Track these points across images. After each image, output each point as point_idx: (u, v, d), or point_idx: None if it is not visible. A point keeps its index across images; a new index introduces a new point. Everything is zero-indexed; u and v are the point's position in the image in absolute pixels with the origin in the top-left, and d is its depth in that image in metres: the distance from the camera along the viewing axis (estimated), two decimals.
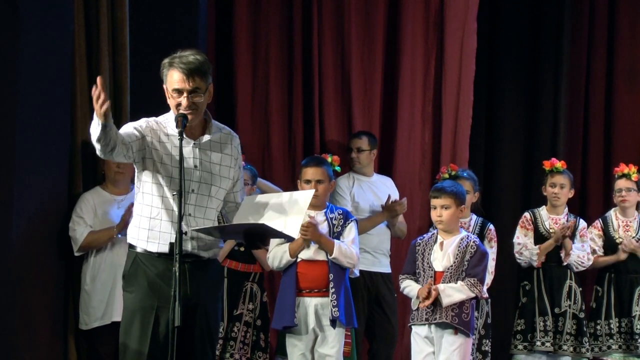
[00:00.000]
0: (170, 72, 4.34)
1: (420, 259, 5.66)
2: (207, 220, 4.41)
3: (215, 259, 4.57)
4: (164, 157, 4.38)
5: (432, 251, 5.63)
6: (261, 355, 6.19)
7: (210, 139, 4.45)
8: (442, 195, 5.62)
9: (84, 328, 6.00)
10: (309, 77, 7.63)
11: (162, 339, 4.33)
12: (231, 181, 4.53)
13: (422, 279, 5.62)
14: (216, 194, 4.47)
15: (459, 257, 5.55)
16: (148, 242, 4.40)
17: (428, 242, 5.69)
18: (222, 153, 4.49)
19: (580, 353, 6.79)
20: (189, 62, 4.30)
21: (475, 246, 5.58)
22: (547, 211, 6.98)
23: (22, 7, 5.51)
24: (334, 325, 5.62)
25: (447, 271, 5.55)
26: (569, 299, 6.81)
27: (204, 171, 4.42)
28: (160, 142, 4.39)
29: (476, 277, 5.50)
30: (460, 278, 5.52)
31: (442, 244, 5.63)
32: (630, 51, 8.08)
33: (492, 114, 8.14)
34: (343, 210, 5.90)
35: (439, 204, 5.62)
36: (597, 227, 7.09)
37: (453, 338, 5.50)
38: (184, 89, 4.31)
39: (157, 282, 4.36)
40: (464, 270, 5.53)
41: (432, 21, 7.77)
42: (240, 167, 4.61)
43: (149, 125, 4.40)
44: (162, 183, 4.38)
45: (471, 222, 6.60)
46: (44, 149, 5.76)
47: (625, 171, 7.01)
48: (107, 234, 5.99)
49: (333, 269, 5.67)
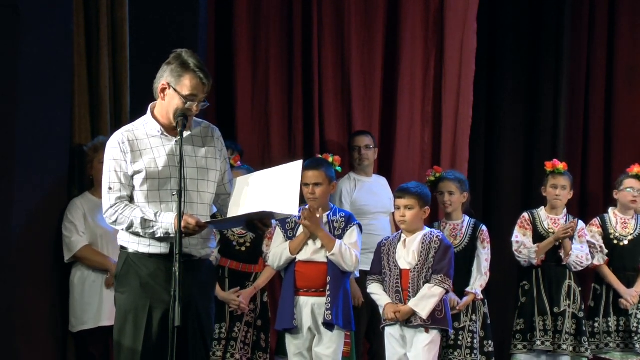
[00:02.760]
0: (187, 76, 4.34)
1: (386, 259, 5.78)
2: (200, 216, 4.40)
3: (207, 259, 4.58)
4: (150, 163, 4.38)
5: (396, 249, 5.75)
6: (262, 355, 6.19)
7: (191, 134, 4.45)
8: (405, 196, 5.74)
9: (72, 330, 5.98)
10: (309, 77, 7.62)
11: (155, 338, 4.36)
12: (219, 173, 4.53)
13: (388, 278, 5.74)
14: (206, 189, 4.46)
15: (423, 254, 5.68)
16: (139, 244, 4.43)
17: (392, 242, 5.82)
18: (206, 146, 4.49)
19: (580, 352, 6.78)
20: (206, 72, 4.35)
21: (439, 241, 5.71)
22: (545, 212, 6.98)
23: (22, 7, 5.50)
24: (330, 329, 5.63)
25: (414, 270, 5.66)
26: (568, 298, 6.80)
27: (188, 167, 4.40)
28: (141, 150, 4.40)
29: (442, 272, 5.63)
30: (427, 275, 5.62)
31: (405, 241, 5.75)
32: (630, 51, 8.08)
33: (492, 114, 8.14)
34: (346, 213, 5.88)
35: (402, 204, 5.74)
36: (597, 225, 7.08)
37: (425, 336, 5.63)
38: (199, 96, 4.34)
39: (149, 282, 4.39)
40: (430, 267, 5.62)
41: (432, 21, 7.77)
42: (226, 158, 4.61)
43: (125, 146, 4.40)
44: (150, 189, 4.39)
45: (464, 224, 6.57)
46: (44, 149, 5.75)
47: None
48: (102, 263, 5.91)
49: (331, 272, 5.66)
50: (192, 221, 4.27)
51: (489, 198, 8.01)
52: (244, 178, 4.55)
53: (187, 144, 4.42)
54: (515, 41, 8.11)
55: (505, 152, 8.09)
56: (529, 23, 8.16)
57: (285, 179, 4.39)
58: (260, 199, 4.39)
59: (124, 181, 4.41)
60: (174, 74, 4.35)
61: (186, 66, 4.34)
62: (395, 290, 5.69)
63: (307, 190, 5.73)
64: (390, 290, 5.73)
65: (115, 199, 4.41)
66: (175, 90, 4.35)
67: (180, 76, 4.35)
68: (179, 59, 4.37)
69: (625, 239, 6.99)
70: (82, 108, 6.19)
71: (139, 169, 4.39)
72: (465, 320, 6.41)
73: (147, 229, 4.35)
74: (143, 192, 4.40)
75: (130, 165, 4.40)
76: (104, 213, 4.46)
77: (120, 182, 4.40)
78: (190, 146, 4.45)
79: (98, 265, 5.90)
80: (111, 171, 4.42)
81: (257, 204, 4.37)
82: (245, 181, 4.51)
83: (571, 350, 6.76)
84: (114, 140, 4.45)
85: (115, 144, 4.43)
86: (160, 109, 4.44)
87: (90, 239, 5.93)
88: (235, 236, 6.18)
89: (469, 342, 6.38)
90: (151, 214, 4.35)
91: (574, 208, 7.72)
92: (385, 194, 7.10)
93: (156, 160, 4.38)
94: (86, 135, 6.17)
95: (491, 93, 8.14)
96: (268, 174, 4.50)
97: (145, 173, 4.38)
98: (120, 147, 4.41)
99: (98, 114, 6.25)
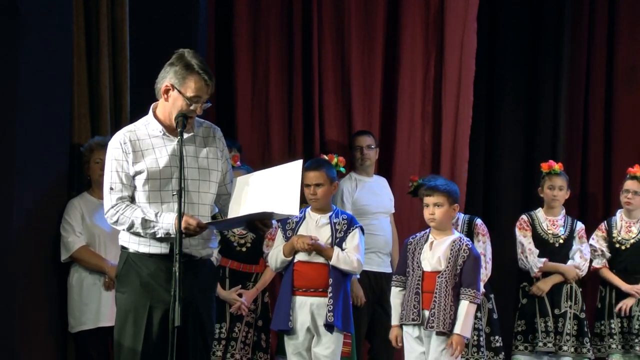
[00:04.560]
0: (191, 78, 4.33)
1: (411, 258, 5.65)
2: (200, 216, 4.39)
3: (209, 259, 4.56)
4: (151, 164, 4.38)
5: (422, 250, 5.62)
6: (262, 355, 6.19)
7: (193, 135, 4.44)
8: (434, 193, 5.62)
9: (72, 331, 5.97)
10: (309, 77, 7.62)
11: (155, 338, 4.36)
12: (220, 173, 4.51)
13: (411, 278, 5.61)
14: (208, 189, 4.45)
15: (451, 260, 5.53)
16: (140, 244, 4.43)
17: (419, 241, 5.68)
18: (207, 147, 4.48)
19: (582, 353, 6.78)
20: (208, 70, 4.34)
21: (468, 250, 5.56)
22: (543, 213, 6.97)
23: (22, 7, 5.50)
24: (330, 330, 5.62)
25: (442, 276, 5.51)
26: (569, 299, 6.80)
27: (189, 167, 4.39)
28: (143, 150, 4.40)
29: (472, 286, 5.49)
30: (454, 282, 5.50)
31: (432, 243, 5.62)
32: (630, 51, 8.07)
33: (492, 114, 8.13)
34: (348, 215, 5.86)
35: (431, 202, 5.62)
36: (602, 229, 7.07)
37: (442, 338, 5.51)
38: (203, 97, 4.34)
39: (149, 282, 4.38)
40: (457, 274, 5.51)
41: (432, 21, 7.77)
42: (228, 158, 4.59)
43: (127, 146, 4.40)
44: (151, 189, 4.39)
45: (458, 222, 6.54)
46: (44, 149, 5.75)
47: (638, 174, 6.96)
48: (98, 265, 5.90)
49: (333, 274, 5.65)
50: (193, 222, 4.27)
51: (489, 198, 8.00)
52: (243, 178, 4.54)
53: (189, 144, 4.42)
54: (515, 41, 8.10)
55: (505, 152, 8.08)
56: (529, 23, 8.15)
57: (286, 178, 4.38)
58: (260, 199, 4.38)
59: (125, 181, 4.40)
60: (178, 76, 4.34)
61: (190, 68, 4.33)
62: (415, 292, 5.56)
63: (308, 191, 5.72)
64: (411, 291, 5.59)
65: (117, 200, 4.40)
66: (180, 91, 4.35)
67: (184, 78, 4.34)
68: (182, 60, 4.36)
69: (627, 243, 6.97)
70: (82, 108, 6.19)
71: (140, 169, 4.39)
72: None
73: (148, 229, 4.35)
74: (144, 192, 4.40)
75: (131, 165, 4.39)
76: (105, 213, 4.46)
77: (122, 183, 4.40)
78: (192, 147, 4.44)
79: (94, 267, 5.90)
80: (112, 171, 4.41)
81: (257, 205, 4.36)
82: (245, 181, 4.50)
83: (572, 351, 6.76)
84: (115, 141, 4.44)
85: (117, 144, 4.42)
86: (163, 109, 4.43)
87: (87, 239, 5.92)
88: (235, 236, 6.18)
89: (475, 340, 6.37)
90: (152, 214, 4.34)
91: (574, 208, 7.72)
92: (385, 194, 7.10)
93: (158, 160, 4.37)
94: (86, 135, 6.16)
95: (491, 93, 8.13)
96: (268, 173, 4.49)
97: (146, 173, 4.38)
98: (122, 147, 4.41)
99: (98, 114, 6.25)
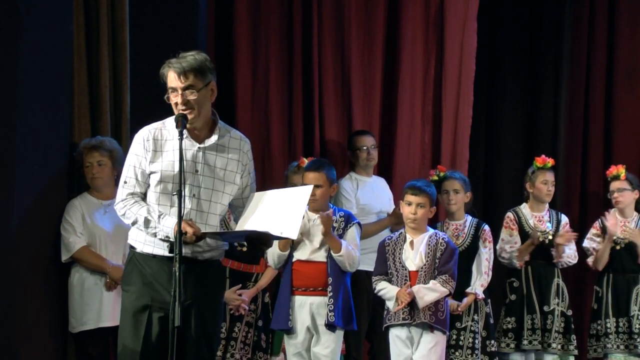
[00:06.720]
0: (168, 73, 4.38)
1: (392, 259, 5.76)
2: (208, 225, 4.41)
3: (217, 260, 4.56)
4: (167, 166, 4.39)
5: (402, 250, 5.74)
6: (262, 355, 6.19)
7: (216, 142, 4.45)
8: (420, 194, 5.75)
9: (72, 331, 5.98)
10: (309, 77, 7.62)
11: (154, 339, 4.37)
12: (238, 187, 4.52)
13: (395, 279, 5.71)
14: (219, 200, 4.46)
15: (430, 255, 5.68)
16: (145, 244, 4.45)
17: (397, 242, 5.79)
18: (227, 157, 4.48)
19: (568, 351, 6.78)
20: (183, 61, 4.35)
21: (445, 243, 5.72)
22: (529, 209, 6.98)
23: (22, 7, 5.51)
24: (332, 330, 5.62)
25: (421, 270, 5.65)
26: (557, 296, 6.81)
27: (205, 176, 4.41)
28: (163, 151, 4.41)
29: (447, 273, 5.64)
30: (433, 276, 5.63)
31: (412, 242, 5.74)
32: (630, 51, 8.07)
33: (492, 114, 8.14)
34: (345, 213, 5.87)
35: (415, 202, 5.74)
36: (596, 227, 7.10)
37: (430, 336, 5.63)
38: (178, 87, 4.35)
39: (152, 282, 4.40)
40: (436, 267, 5.64)
41: (432, 21, 7.77)
42: (251, 173, 4.58)
43: (149, 144, 4.41)
44: (163, 191, 4.41)
45: (466, 224, 6.59)
46: (44, 149, 5.75)
47: (614, 173, 7.03)
48: (98, 265, 5.90)
49: (332, 272, 5.65)
50: (190, 230, 4.25)
51: (489, 198, 8.00)
52: (259, 194, 4.56)
53: (211, 152, 4.45)
54: (515, 41, 8.11)
55: (505, 152, 8.09)
56: (529, 23, 8.15)
57: (293, 201, 4.42)
58: (264, 218, 4.41)
59: (140, 178, 4.43)
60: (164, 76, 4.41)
61: (168, 63, 4.39)
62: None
63: None
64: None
65: (127, 195, 4.44)
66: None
67: (165, 76, 4.40)
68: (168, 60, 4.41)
69: (622, 242, 6.98)
70: (82, 108, 6.19)
71: (155, 170, 4.41)
72: (466, 320, 6.42)
73: (149, 229, 4.37)
74: (155, 193, 4.42)
75: (149, 164, 4.41)
76: (115, 205, 4.51)
77: (136, 179, 4.43)
78: (213, 155, 4.45)
79: (95, 267, 5.90)
80: (130, 165, 4.46)
81: (260, 223, 4.39)
82: (259, 197, 4.52)
83: (559, 348, 6.77)
84: (140, 136, 4.47)
85: (140, 139, 4.46)
86: None
87: (88, 240, 5.92)
88: None
89: (470, 343, 6.39)
90: (155, 215, 4.36)
91: (574, 208, 7.73)
92: (385, 194, 7.11)
93: (174, 163, 4.37)
94: (86, 135, 6.17)
95: (491, 93, 8.13)
96: (279, 194, 4.52)
97: (160, 175, 4.40)
98: (144, 144, 4.43)
99: (98, 114, 6.25)
